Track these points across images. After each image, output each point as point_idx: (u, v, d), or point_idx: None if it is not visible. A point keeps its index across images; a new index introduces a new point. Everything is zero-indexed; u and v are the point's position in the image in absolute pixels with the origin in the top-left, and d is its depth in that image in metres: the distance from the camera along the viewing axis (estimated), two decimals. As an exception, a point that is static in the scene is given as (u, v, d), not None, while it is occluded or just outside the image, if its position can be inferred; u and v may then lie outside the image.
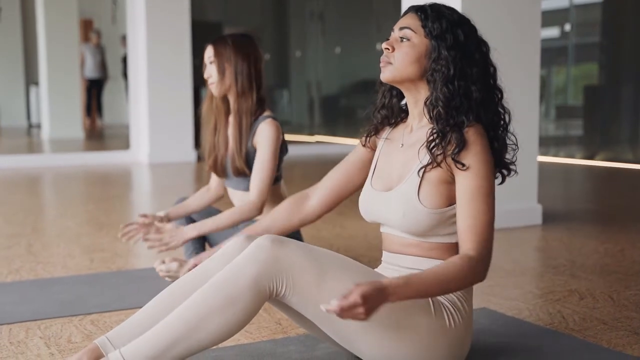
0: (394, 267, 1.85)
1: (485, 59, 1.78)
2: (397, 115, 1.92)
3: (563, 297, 2.60)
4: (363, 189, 1.93)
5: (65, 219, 4.45)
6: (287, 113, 13.32)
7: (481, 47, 1.77)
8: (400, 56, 1.76)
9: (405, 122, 1.91)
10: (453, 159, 1.71)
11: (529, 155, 4.01)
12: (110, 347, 1.71)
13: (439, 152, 1.73)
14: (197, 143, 8.43)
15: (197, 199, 2.98)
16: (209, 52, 2.84)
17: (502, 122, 1.80)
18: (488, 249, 1.70)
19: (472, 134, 1.71)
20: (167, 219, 2.89)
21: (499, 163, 1.81)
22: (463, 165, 1.71)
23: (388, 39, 1.81)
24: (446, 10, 1.76)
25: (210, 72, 2.83)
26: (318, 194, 2.06)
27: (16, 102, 15.15)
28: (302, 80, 13.04)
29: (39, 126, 13.36)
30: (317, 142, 11.14)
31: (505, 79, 1.90)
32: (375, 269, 1.86)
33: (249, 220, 2.74)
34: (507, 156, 1.83)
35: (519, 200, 4.06)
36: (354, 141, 10.66)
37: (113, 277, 2.93)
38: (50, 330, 2.25)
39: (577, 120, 8.96)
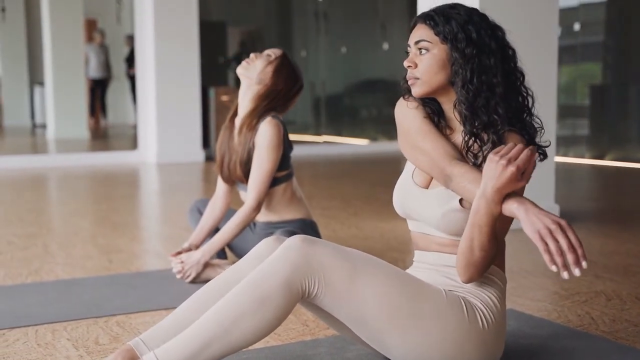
0: (431, 266, 1.82)
1: (502, 44, 1.75)
2: (440, 116, 1.86)
3: (590, 299, 2.58)
4: (402, 178, 1.87)
5: (79, 219, 4.43)
6: (291, 113, 13.28)
7: (496, 34, 1.74)
8: (425, 68, 1.74)
9: (449, 124, 1.83)
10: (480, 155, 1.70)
11: (545, 155, 3.98)
12: (144, 348, 1.71)
13: (477, 152, 1.72)
14: (206, 143, 8.40)
15: (210, 214, 2.95)
16: (275, 52, 2.86)
17: (525, 108, 1.77)
18: None
19: (512, 142, 1.68)
20: (195, 247, 2.90)
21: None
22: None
23: (407, 52, 1.78)
24: (452, 10, 1.74)
25: (258, 59, 2.83)
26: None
27: (20, 102, 15.13)
28: (307, 80, 13.02)
29: (43, 126, 13.33)
30: (325, 142, 11.11)
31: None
32: (406, 270, 1.84)
33: (250, 222, 2.83)
34: (537, 139, 1.79)
35: (537, 200, 4.00)
36: (359, 141, 10.68)
37: (133, 278, 2.92)
38: (76, 332, 2.23)
39: (585, 120, 8.93)
